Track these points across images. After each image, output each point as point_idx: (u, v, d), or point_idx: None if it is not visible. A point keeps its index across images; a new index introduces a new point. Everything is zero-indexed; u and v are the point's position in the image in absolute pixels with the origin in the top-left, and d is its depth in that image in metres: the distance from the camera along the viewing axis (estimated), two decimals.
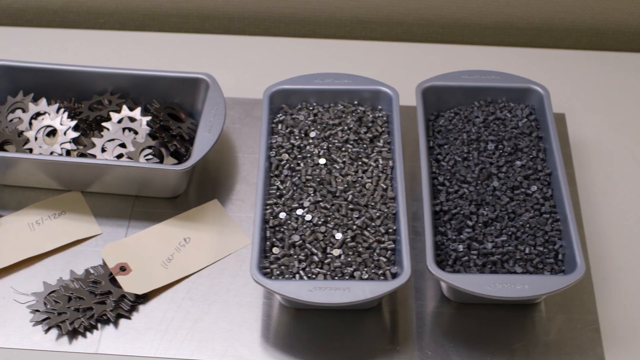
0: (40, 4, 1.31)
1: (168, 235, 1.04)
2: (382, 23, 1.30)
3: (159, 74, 1.10)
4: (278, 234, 0.97)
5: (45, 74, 1.12)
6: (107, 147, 1.06)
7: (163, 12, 1.31)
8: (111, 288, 0.98)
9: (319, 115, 1.07)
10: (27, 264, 1.02)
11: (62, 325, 0.95)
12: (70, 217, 1.06)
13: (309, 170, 1.01)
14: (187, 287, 1.00)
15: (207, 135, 1.03)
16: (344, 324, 0.97)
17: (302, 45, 1.29)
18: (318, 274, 0.94)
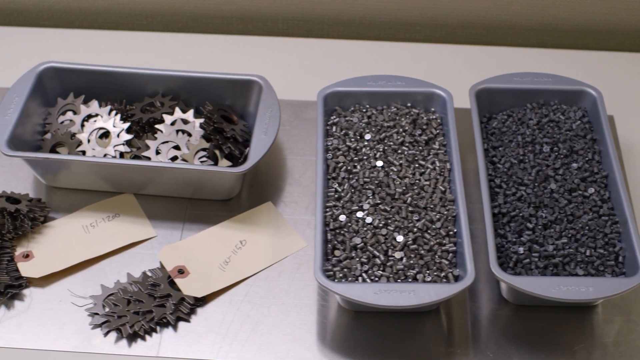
0: (83, 6, 1.31)
1: (224, 237, 1.03)
2: (426, 25, 1.30)
3: (212, 76, 1.10)
4: (339, 236, 0.97)
5: (95, 75, 1.11)
6: (161, 149, 1.06)
7: (206, 13, 1.31)
8: (170, 291, 0.97)
9: (373, 118, 1.07)
10: (83, 266, 1.02)
11: (123, 328, 0.95)
12: (124, 220, 1.05)
13: (366, 173, 1.01)
14: (245, 290, 1.00)
15: (264, 138, 1.03)
16: (402, 326, 0.97)
17: (347, 47, 1.29)
18: (381, 277, 0.93)
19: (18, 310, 0.98)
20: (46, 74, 1.10)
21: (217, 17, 1.31)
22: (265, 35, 1.33)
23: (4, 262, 1.00)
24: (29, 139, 1.06)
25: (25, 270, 1.00)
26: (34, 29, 1.31)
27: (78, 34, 1.30)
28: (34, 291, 1.00)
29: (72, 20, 1.33)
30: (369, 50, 1.28)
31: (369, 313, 0.98)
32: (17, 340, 0.95)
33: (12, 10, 1.33)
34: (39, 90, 1.09)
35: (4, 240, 1.01)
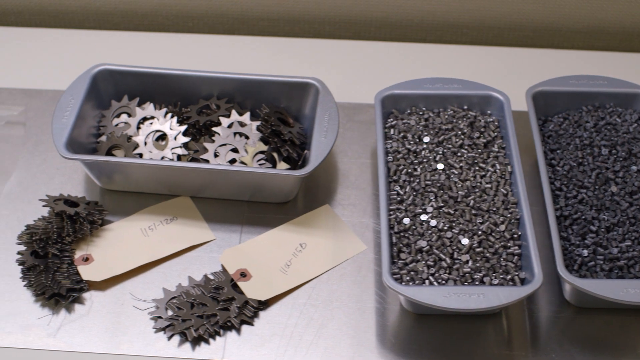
0: (130, 8, 1.30)
1: (284, 240, 1.03)
2: (474, 27, 1.30)
3: (268, 79, 1.09)
4: (403, 239, 0.96)
5: (149, 78, 1.11)
6: (219, 152, 1.05)
7: (253, 15, 1.30)
8: (234, 294, 0.97)
9: (430, 120, 1.07)
10: (142, 269, 1.01)
11: (187, 332, 0.95)
12: (182, 223, 1.05)
13: (427, 176, 1.01)
14: (308, 293, 0.99)
15: (324, 140, 1.02)
16: (464, 328, 0.97)
17: (395, 49, 1.29)
18: (448, 280, 0.93)
19: (79, 314, 0.97)
20: (100, 76, 1.10)
21: (264, 19, 1.31)
22: (312, 38, 1.33)
23: (64, 265, 0.99)
24: (83, 141, 1.06)
25: (85, 274, 0.99)
26: (82, 30, 1.30)
27: (124, 35, 1.29)
28: (94, 294, 0.99)
29: (117, 22, 1.33)
30: (418, 52, 1.27)
31: (431, 315, 0.97)
32: (80, 344, 0.95)
33: (59, 12, 1.33)
34: (93, 93, 1.09)
35: (63, 244, 1.01)
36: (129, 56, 1.24)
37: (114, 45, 1.28)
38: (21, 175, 1.10)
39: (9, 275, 1.00)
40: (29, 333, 0.95)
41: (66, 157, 1.01)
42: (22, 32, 1.30)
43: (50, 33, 1.30)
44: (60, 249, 1.00)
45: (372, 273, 1.01)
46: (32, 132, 1.15)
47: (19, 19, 1.34)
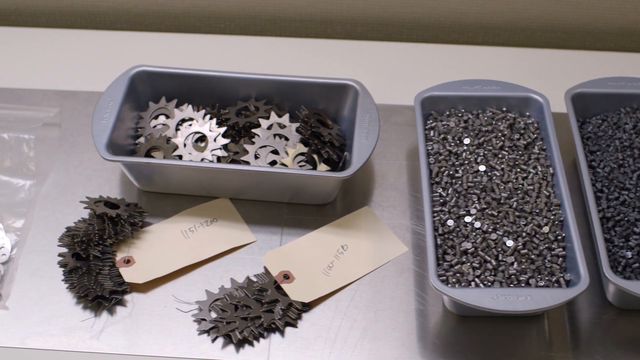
0: (162, 9, 1.30)
1: (325, 242, 1.03)
2: (505, 28, 1.30)
3: (306, 80, 1.09)
4: (448, 241, 0.96)
5: (186, 79, 1.10)
6: (260, 153, 1.05)
7: (286, 17, 1.30)
8: (278, 296, 0.97)
9: (470, 122, 1.07)
10: (183, 271, 1.01)
11: (232, 334, 0.94)
12: (223, 225, 1.04)
13: (469, 178, 1.01)
14: (351, 295, 0.99)
15: (365, 142, 1.02)
16: (507, 329, 0.97)
17: (429, 50, 1.29)
18: (494, 282, 0.93)
19: (121, 316, 0.97)
20: (138, 77, 1.09)
21: (296, 21, 1.31)
22: (344, 39, 1.33)
23: (106, 267, 0.99)
24: (122, 143, 1.05)
25: (128, 276, 0.99)
26: (114, 32, 1.30)
27: (157, 37, 1.29)
28: (135, 296, 0.99)
29: (149, 23, 1.33)
30: (451, 54, 1.27)
31: (473, 317, 0.97)
32: (125, 347, 0.94)
33: (90, 14, 1.33)
34: (131, 94, 1.09)
35: (105, 246, 1.01)
36: (161, 57, 1.24)
37: (147, 47, 1.28)
38: (58, 177, 1.10)
39: (51, 277, 1.00)
40: (72, 335, 0.95)
41: (107, 159, 1.00)
42: (53, 34, 1.30)
43: (82, 34, 1.30)
44: (102, 251, 1.00)
45: (413, 275, 1.01)
46: (68, 134, 1.15)
47: (49, 20, 1.34)
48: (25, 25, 1.35)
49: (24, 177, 1.09)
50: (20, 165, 1.09)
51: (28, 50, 1.27)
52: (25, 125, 1.12)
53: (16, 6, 1.32)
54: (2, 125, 1.11)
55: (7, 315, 0.97)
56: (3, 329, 0.96)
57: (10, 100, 1.18)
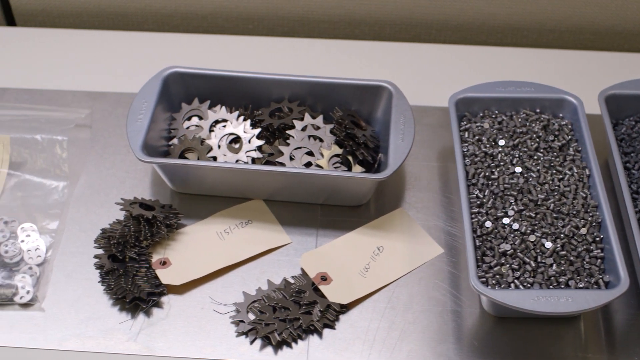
0: (190, 10, 1.30)
1: (361, 244, 1.03)
2: (534, 30, 1.30)
3: (340, 82, 1.09)
4: (487, 242, 0.96)
5: (219, 81, 1.10)
6: (294, 155, 1.05)
7: (314, 18, 1.30)
8: (316, 298, 0.97)
9: (504, 124, 1.07)
10: (220, 273, 1.01)
11: (271, 336, 0.94)
12: (258, 226, 1.04)
13: (505, 179, 1.01)
14: (387, 297, 0.99)
15: (401, 144, 1.02)
16: (542, 331, 0.97)
17: (458, 52, 1.28)
18: (533, 283, 0.93)
19: (158, 318, 0.97)
20: (171, 78, 1.09)
21: (325, 22, 1.31)
22: (372, 40, 1.33)
23: (142, 269, 0.99)
24: (155, 144, 1.05)
25: (164, 278, 0.99)
26: (141, 33, 1.30)
27: (184, 38, 1.29)
28: (171, 298, 0.99)
29: (176, 24, 1.33)
30: (481, 55, 1.27)
31: (511, 318, 0.97)
32: (162, 349, 0.94)
33: (118, 14, 1.33)
34: (164, 95, 1.08)
35: (141, 247, 1.00)
36: (189, 58, 1.23)
37: (174, 48, 1.27)
38: (91, 179, 1.10)
39: (86, 279, 1.00)
40: (110, 337, 0.95)
41: (143, 160, 1.00)
42: (83, 34, 1.30)
43: (110, 35, 1.30)
44: (138, 253, 1.00)
45: (448, 276, 1.01)
46: (98, 135, 1.15)
47: (76, 21, 1.34)
48: (52, 26, 1.35)
49: (57, 178, 1.08)
50: (53, 166, 1.09)
51: (57, 51, 1.27)
52: (58, 126, 1.12)
53: (43, 7, 1.32)
54: (34, 127, 1.11)
55: (43, 317, 0.97)
56: (40, 330, 0.96)
57: (40, 101, 1.18)
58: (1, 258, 1.00)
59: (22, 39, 1.29)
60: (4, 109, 1.15)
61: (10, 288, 0.98)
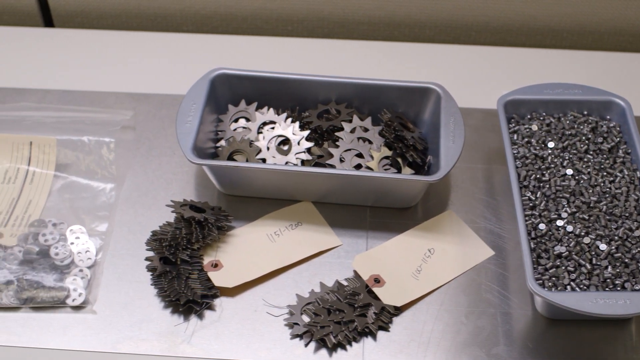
0: (229, 11, 1.30)
1: (412, 246, 1.03)
2: (574, 31, 1.30)
3: (388, 84, 1.09)
4: (541, 245, 0.96)
5: (265, 82, 1.10)
6: (344, 157, 1.05)
7: (354, 19, 1.30)
8: (370, 300, 0.97)
9: (552, 126, 1.07)
10: (272, 275, 1.01)
11: (327, 338, 0.94)
12: (308, 228, 1.04)
13: (557, 181, 1.01)
14: (440, 299, 0.99)
15: (452, 146, 1.02)
16: (595, 333, 0.96)
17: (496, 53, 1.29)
18: (589, 285, 0.93)
19: (211, 320, 0.97)
20: (218, 80, 1.09)
21: (365, 23, 1.31)
22: (411, 42, 1.32)
23: (195, 272, 0.99)
24: (203, 146, 1.05)
25: (217, 280, 0.98)
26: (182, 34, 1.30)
27: (224, 39, 1.29)
28: (223, 300, 0.99)
29: (216, 25, 1.32)
30: (521, 56, 1.27)
31: (563, 320, 0.97)
32: (217, 351, 0.94)
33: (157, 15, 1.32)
34: (212, 97, 1.08)
35: (192, 250, 1.00)
36: (230, 59, 1.23)
37: (215, 49, 1.27)
38: (137, 180, 1.10)
39: (137, 281, 1.00)
40: (164, 340, 0.95)
41: (194, 162, 1.00)
42: (121, 36, 1.29)
43: (150, 36, 1.29)
44: (190, 255, 1.00)
45: (499, 278, 1.01)
46: (143, 137, 1.15)
47: (115, 22, 1.33)
48: (90, 27, 1.34)
49: (104, 180, 1.08)
50: (100, 168, 1.09)
51: (97, 52, 1.27)
52: (104, 128, 1.11)
53: (82, 8, 1.32)
54: (80, 128, 1.11)
55: (96, 320, 0.97)
56: (93, 333, 0.96)
57: (83, 103, 1.18)
58: (51, 260, 1.00)
59: (61, 40, 1.29)
60: (48, 111, 1.14)
61: (62, 291, 0.98)
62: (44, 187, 1.08)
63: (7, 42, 1.28)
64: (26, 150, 1.10)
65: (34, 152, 1.10)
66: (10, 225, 1.03)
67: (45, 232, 1.02)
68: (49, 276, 0.99)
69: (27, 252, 1.00)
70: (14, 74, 1.24)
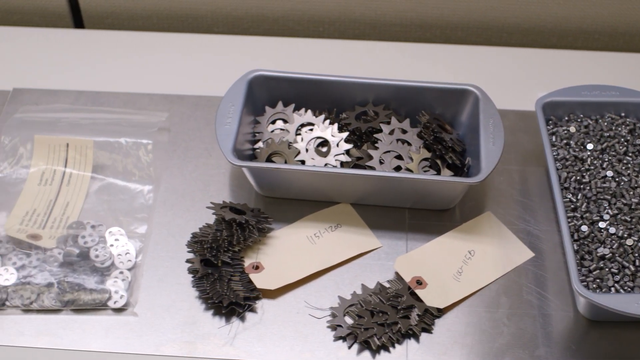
0: (260, 12, 1.30)
1: (452, 248, 1.03)
2: (606, 33, 1.30)
3: (425, 85, 1.09)
4: (584, 247, 0.96)
5: (302, 84, 1.10)
6: (384, 158, 1.05)
7: (386, 21, 1.30)
8: (414, 302, 0.97)
9: (590, 127, 1.07)
10: (312, 277, 1.01)
11: (371, 340, 0.94)
12: (347, 230, 1.04)
13: (597, 183, 1.01)
14: (481, 300, 0.99)
15: (492, 148, 1.02)
16: (637, 335, 0.97)
17: (529, 55, 1.28)
18: (634, 287, 0.93)
19: (252, 323, 0.97)
20: (255, 81, 1.09)
21: (397, 25, 1.30)
22: (443, 43, 1.32)
23: (237, 274, 0.99)
24: (240, 147, 1.05)
25: (258, 282, 0.98)
26: (213, 35, 1.30)
27: (255, 40, 1.29)
28: (264, 302, 0.99)
29: (246, 27, 1.32)
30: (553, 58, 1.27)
31: (605, 322, 0.97)
32: (261, 353, 0.94)
33: (188, 17, 1.32)
34: (249, 99, 1.08)
35: (233, 252, 1.00)
36: (263, 61, 1.23)
37: (248, 50, 1.27)
38: (174, 182, 1.10)
39: (178, 284, 1.00)
40: (207, 342, 0.95)
41: (235, 164, 1.00)
42: (152, 37, 1.29)
43: (182, 38, 1.29)
44: (231, 257, 1.00)
45: (539, 279, 1.01)
46: (179, 139, 1.14)
47: (146, 23, 1.33)
48: (120, 28, 1.34)
49: (141, 182, 1.08)
50: (138, 170, 1.09)
51: (130, 54, 1.27)
52: (141, 129, 1.11)
53: (113, 9, 1.31)
54: (117, 130, 1.11)
55: (137, 322, 0.97)
56: (135, 335, 0.96)
57: (116, 104, 1.18)
58: (92, 262, 1.00)
59: (92, 42, 1.29)
60: (83, 112, 1.14)
61: (104, 293, 0.97)
62: (81, 189, 1.08)
63: (38, 43, 1.28)
64: (63, 152, 1.10)
65: (70, 154, 1.10)
66: (48, 227, 1.03)
67: (85, 234, 1.02)
68: (90, 278, 0.99)
69: (67, 254, 1.00)
70: (46, 75, 1.23)
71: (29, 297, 0.97)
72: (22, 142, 1.10)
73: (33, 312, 0.97)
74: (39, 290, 0.98)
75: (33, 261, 1.00)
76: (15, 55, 1.27)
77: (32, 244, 1.01)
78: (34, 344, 0.95)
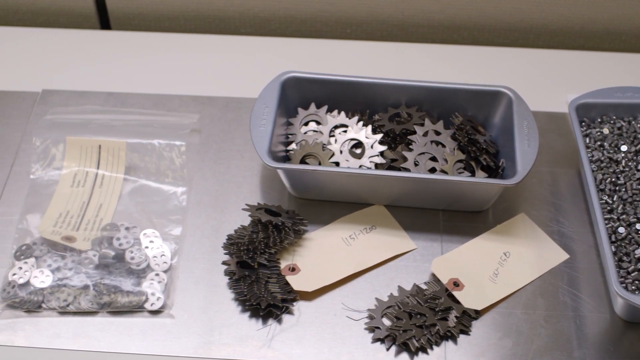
0: (288, 14, 1.29)
1: (487, 249, 1.03)
2: (633, 34, 1.30)
3: (458, 87, 1.09)
4: (622, 248, 0.96)
5: (335, 85, 1.10)
6: (418, 160, 1.05)
7: (414, 22, 1.30)
8: (451, 304, 0.97)
9: (624, 129, 1.07)
10: (348, 279, 1.01)
11: (410, 342, 0.94)
12: (382, 232, 1.04)
13: (633, 185, 1.01)
14: (517, 302, 0.99)
15: (528, 150, 1.02)
16: None
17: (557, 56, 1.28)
18: None
19: (289, 324, 0.97)
20: (288, 83, 1.09)
21: (424, 26, 1.31)
22: (470, 45, 1.32)
23: (274, 276, 0.99)
24: (274, 149, 1.05)
25: (295, 284, 0.98)
26: (240, 37, 1.30)
27: (283, 42, 1.29)
28: (301, 304, 0.99)
29: (274, 28, 1.32)
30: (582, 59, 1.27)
31: None
32: (299, 355, 0.94)
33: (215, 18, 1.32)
34: (282, 100, 1.08)
35: (270, 254, 1.00)
36: (292, 62, 1.23)
37: (277, 52, 1.27)
38: (207, 184, 1.09)
39: (213, 285, 1.00)
40: (245, 344, 0.95)
41: (271, 166, 1.00)
42: (179, 38, 1.29)
43: (210, 39, 1.29)
44: (268, 259, 1.00)
45: (574, 280, 1.01)
46: (210, 140, 1.14)
47: (173, 24, 1.33)
48: (147, 29, 1.34)
49: (174, 183, 1.08)
50: (171, 171, 1.09)
51: (157, 55, 1.27)
52: (173, 131, 1.11)
53: (140, 10, 1.31)
54: (149, 132, 1.11)
55: (174, 324, 0.97)
56: (173, 337, 0.96)
57: (146, 106, 1.18)
58: (127, 265, 1.00)
59: (119, 43, 1.29)
60: (114, 114, 1.14)
61: (140, 295, 0.97)
62: (114, 191, 1.07)
63: (66, 45, 1.28)
64: (95, 154, 1.09)
65: (102, 155, 1.09)
66: (82, 229, 1.03)
67: (120, 236, 1.02)
68: (126, 280, 0.99)
69: (103, 257, 1.00)
70: (74, 76, 1.23)
71: (66, 299, 0.97)
72: (54, 143, 1.10)
73: (69, 314, 0.97)
74: (75, 292, 0.97)
75: (68, 263, 1.00)
76: (43, 57, 1.26)
77: (66, 246, 1.01)
78: (72, 346, 0.95)
